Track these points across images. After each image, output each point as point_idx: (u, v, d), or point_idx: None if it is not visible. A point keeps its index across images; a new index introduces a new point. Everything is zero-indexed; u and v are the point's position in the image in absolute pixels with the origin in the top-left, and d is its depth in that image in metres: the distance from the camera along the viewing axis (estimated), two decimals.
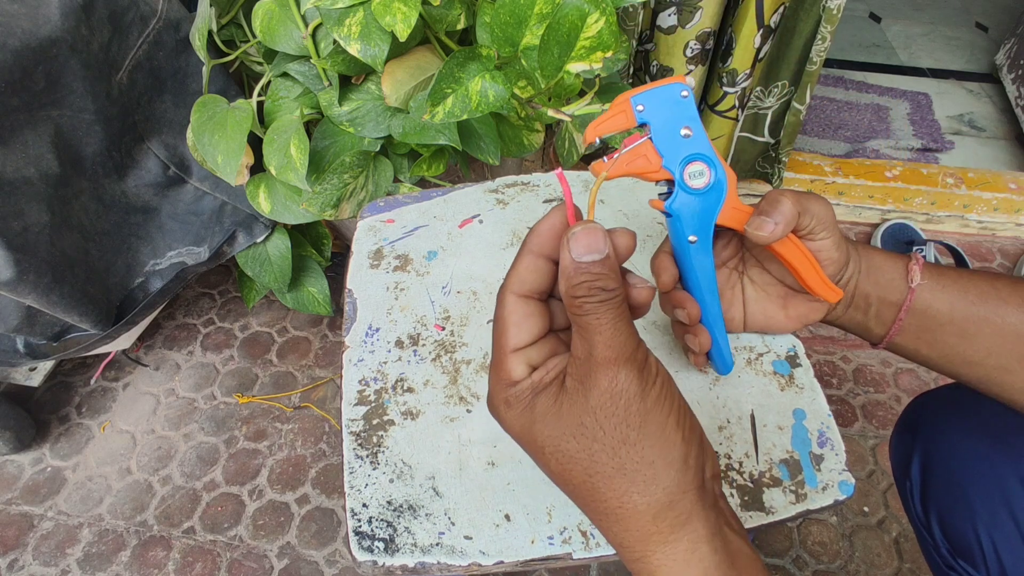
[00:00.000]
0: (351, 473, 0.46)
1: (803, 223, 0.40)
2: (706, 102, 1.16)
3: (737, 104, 1.12)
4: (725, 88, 1.10)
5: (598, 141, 0.38)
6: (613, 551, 0.42)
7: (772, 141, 1.21)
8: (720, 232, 0.46)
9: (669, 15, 1.01)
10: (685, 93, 0.38)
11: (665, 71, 1.08)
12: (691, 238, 0.41)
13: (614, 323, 0.29)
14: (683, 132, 0.38)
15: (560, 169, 0.36)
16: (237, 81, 0.92)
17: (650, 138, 0.38)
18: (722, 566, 0.30)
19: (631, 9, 1.01)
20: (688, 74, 1.07)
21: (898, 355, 0.46)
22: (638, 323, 0.54)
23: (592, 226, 0.30)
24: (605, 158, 0.39)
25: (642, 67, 1.14)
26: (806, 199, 0.40)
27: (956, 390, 0.60)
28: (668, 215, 0.41)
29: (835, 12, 0.98)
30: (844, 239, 0.42)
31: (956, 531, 0.53)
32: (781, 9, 1.01)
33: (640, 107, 0.38)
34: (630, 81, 1.16)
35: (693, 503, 0.30)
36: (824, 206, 0.41)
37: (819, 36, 1.02)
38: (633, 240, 0.32)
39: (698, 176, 0.39)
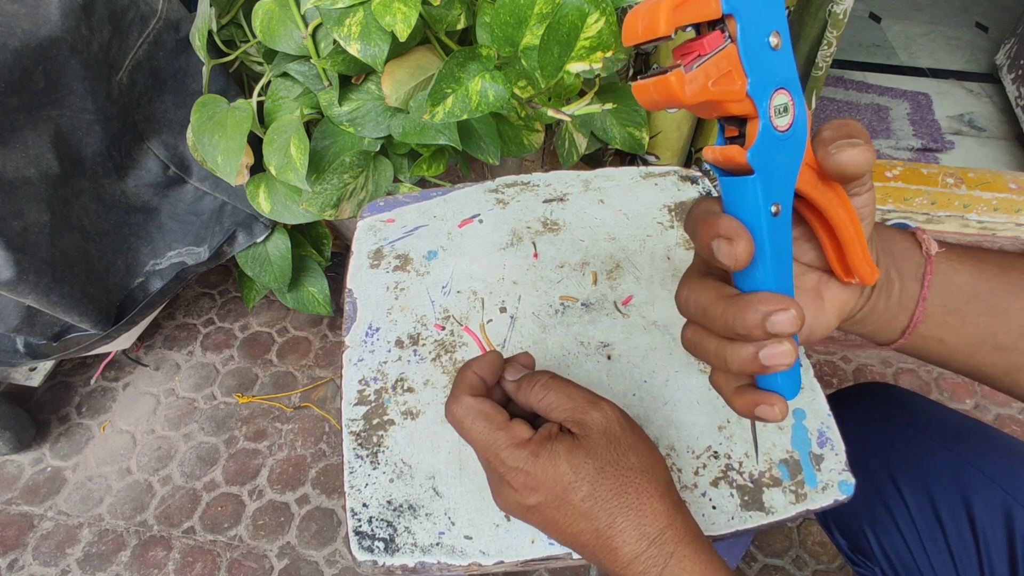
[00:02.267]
0: (351, 473, 0.46)
1: None
2: None
3: None
4: None
5: (673, 34, 0.25)
6: None
7: None
8: None
9: None
10: None
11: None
12: (774, 207, 0.28)
13: (569, 384, 0.40)
14: (771, 41, 0.26)
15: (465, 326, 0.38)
16: (237, 81, 0.92)
17: (734, 43, 0.25)
18: (702, 534, 0.38)
19: (628, 9, 1.00)
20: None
21: (919, 356, 0.40)
22: (636, 322, 0.54)
23: (495, 354, 0.41)
24: (680, 65, 0.25)
25: (642, 70, 1.14)
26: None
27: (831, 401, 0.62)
28: (734, 174, 0.28)
29: (841, 17, 0.96)
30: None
31: (849, 529, 0.59)
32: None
33: None
34: (628, 84, 1.16)
35: (674, 486, 0.39)
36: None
37: (825, 41, 1.00)
38: (527, 358, 0.42)
39: (783, 113, 0.27)
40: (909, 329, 0.38)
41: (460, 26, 0.75)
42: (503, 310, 0.55)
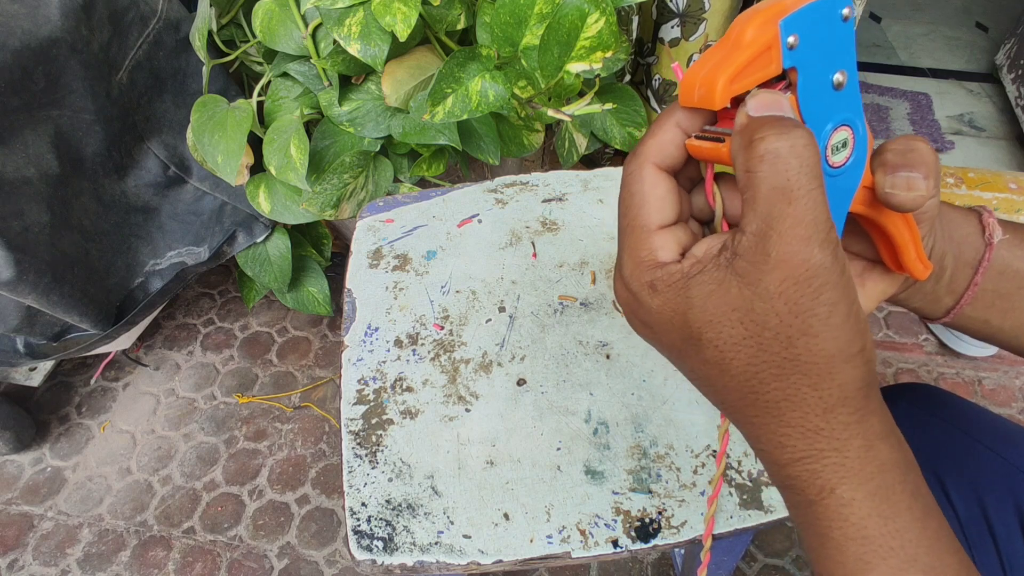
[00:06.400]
0: (350, 472, 0.46)
1: None
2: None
3: None
4: None
5: (729, 104, 0.24)
6: (612, 549, 0.42)
7: None
8: None
9: (672, 27, 0.99)
10: (847, 12, 0.25)
11: (669, 85, 1.06)
12: None
13: (809, 191, 0.24)
14: (836, 79, 0.25)
15: (676, 64, 0.28)
16: (237, 81, 0.92)
17: (792, 90, 0.25)
18: (900, 465, 0.28)
19: (623, 13, 0.99)
20: None
21: (960, 331, 0.39)
22: None
23: (772, 92, 0.26)
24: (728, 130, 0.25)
25: (643, 80, 1.13)
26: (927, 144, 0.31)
27: None
28: None
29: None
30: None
31: None
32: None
33: (792, 39, 0.24)
34: (628, 84, 1.16)
35: (867, 399, 0.27)
36: (936, 153, 0.31)
37: None
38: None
39: (840, 149, 0.27)
40: (954, 310, 0.38)
41: (460, 26, 0.75)
42: (502, 309, 0.55)
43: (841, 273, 0.25)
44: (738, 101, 0.25)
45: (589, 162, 1.18)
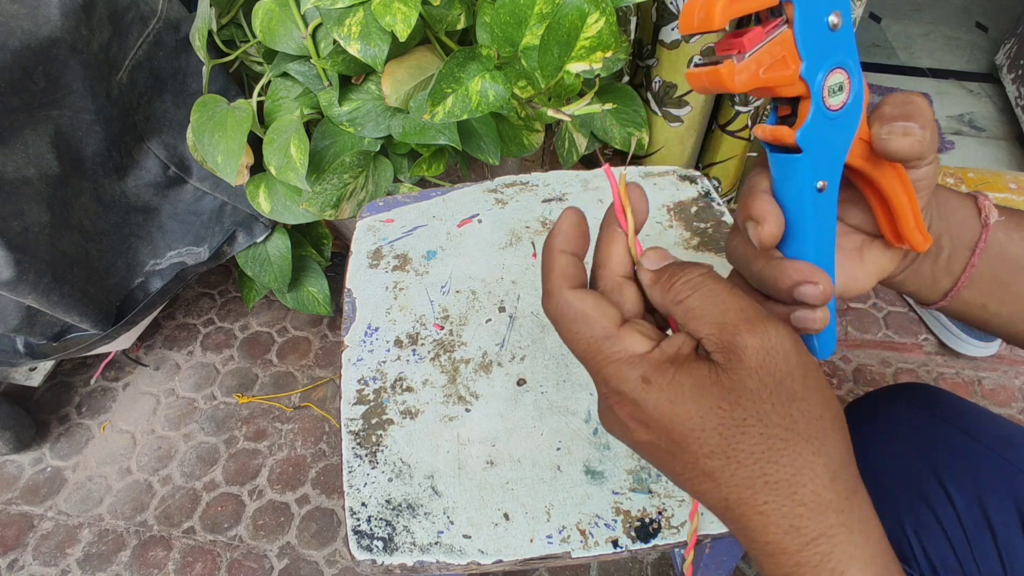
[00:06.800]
0: (350, 472, 0.46)
1: None
2: (717, 123, 1.11)
3: (750, 124, 1.08)
4: (737, 107, 1.05)
5: (728, 27, 0.25)
6: (612, 549, 0.42)
7: None
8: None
9: (672, 29, 0.97)
10: None
11: (669, 87, 1.05)
12: (820, 184, 0.29)
13: (730, 289, 0.28)
14: (831, 20, 0.26)
15: (607, 165, 0.30)
16: (237, 81, 0.92)
17: (790, 27, 0.26)
18: (884, 536, 0.28)
19: (621, 14, 0.99)
20: (692, 91, 1.01)
21: (957, 317, 0.40)
22: None
23: (657, 250, 0.31)
24: (731, 56, 0.26)
25: (643, 83, 1.12)
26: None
27: (861, 407, 0.60)
28: (786, 151, 0.29)
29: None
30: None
31: (888, 532, 0.54)
32: None
33: None
34: (627, 84, 1.16)
35: (854, 463, 0.28)
36: (929, 106, 0.32)
37: None
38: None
39: (837, 92, 0.27)
40: (951, 293, 0.38)
41: (460, 26, 0.75)
42: (502, 309, 0.55)
43: (797, 339, 0.28)
44: (740, 24, 0.26)
45: (589, 162, 1.18)
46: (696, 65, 0.27)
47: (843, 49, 0.27)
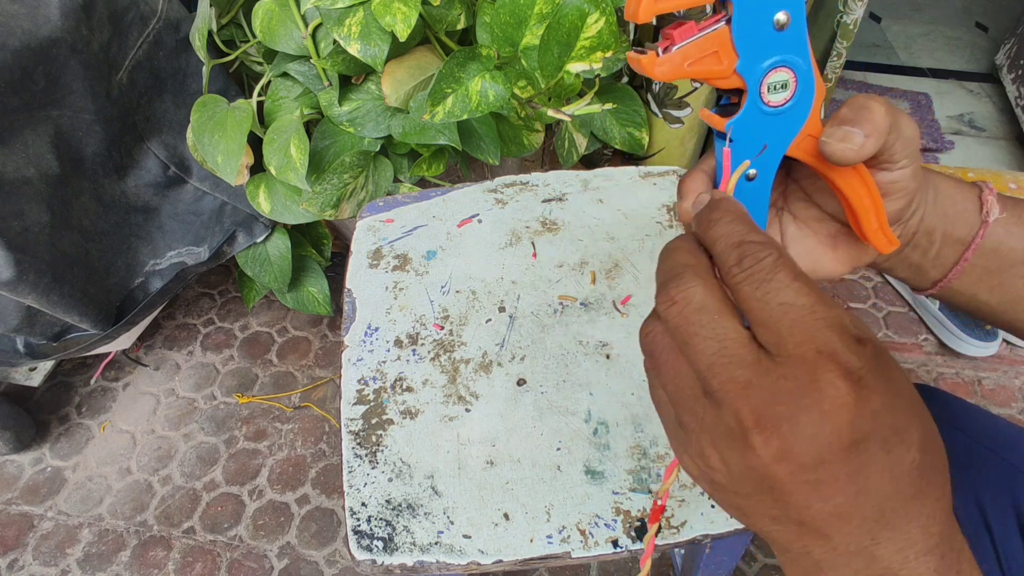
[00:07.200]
0: (350, 472, 0.46)
1: (887, 143, 0.30)
2: None
3: None
4: None
5: (654, 21, 0.26)
6: (612, 549, 0.42)
7: None
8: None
9: None
10: None
11: (669, 88, 1.05)
12: (749, 172, 0.30)
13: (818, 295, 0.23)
14: (778, 19, 0.26)
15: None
16: (237, 81, 0.92)
17: (729, 23, 0.26)
18: None
19: (619, 14, 0.98)
20: (694, 92, 1.00)
21: (946, 301, 0.39)
22: (635, 322, 0.54)
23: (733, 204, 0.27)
24: (658, 47, 0.27)
25: (643, 85, 1.12)
26: (897, 112, 0.30)
27: None
28: (722, 139, 0.29)
29: (851, 27, 0.93)
30: (920, 161, 0.33)
31: None
32: None
33: None
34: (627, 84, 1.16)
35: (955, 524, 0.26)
36: (913, 126, 0.31)
37: (834, 52, 0.96)
38: None
39: (779, 89, 0.27)
40: (941, 283, 0.37)
41: (460, 26, 0.75)
42: (502, 309, 0.55)
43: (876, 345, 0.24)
44: (668, 22, 0.27)
45: (589, 162, 1.18)
46: (635, 50, 0.28)
47: (791, 48, 0.27)
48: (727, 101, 0.29)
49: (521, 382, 0.51)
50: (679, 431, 0.25)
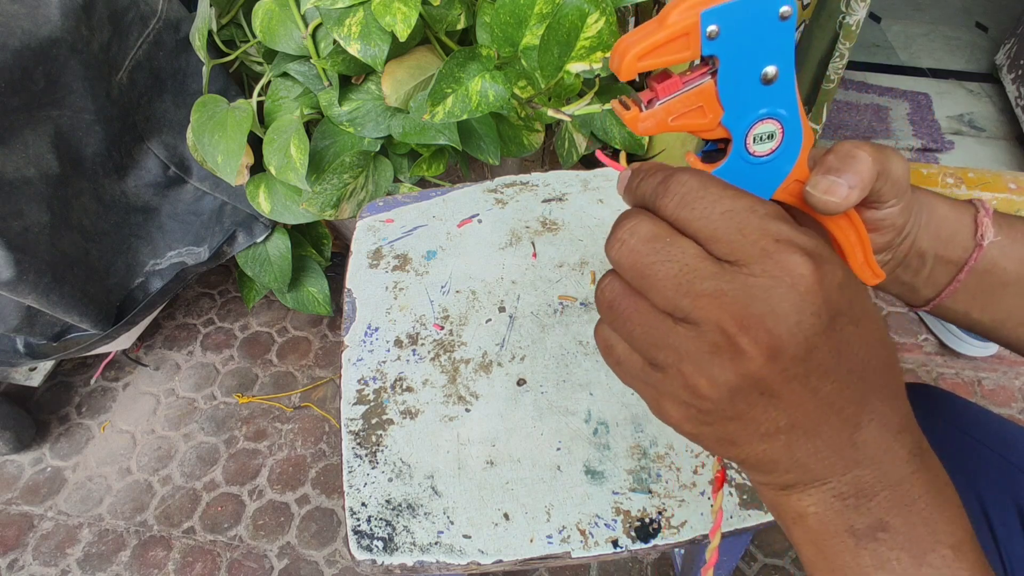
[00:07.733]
0: (350, 472, 0.46)
1: (874, 187, 0.30)
2: None
3: None
4: None
5: (637, 78, 0.26)
6: (612, 549, 0.42)
7: None
8: None
9: None
10: (787, 11, 0.25)
11: None
12: None
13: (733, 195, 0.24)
14: (766, 72, 0.26)
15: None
16: (237, 81, 0.92)
17: (714, 78, 0.25)
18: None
19: (619, 14, 0.98)
20: None
21: (938, 317, 0.39)
22: None
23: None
24: (642, 100, 0.26)
25: (643, 86, 1.12)
26: (885, 156, 0.30)
27: None
28: None
29: (853, 28, 0.93)
30: (910, 195, 0.33)
31: None
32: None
33: (713, 28, 0.24)
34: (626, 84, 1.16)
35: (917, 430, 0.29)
36: (903, 165, 0.31)
37: (836, 53, 0.96)
38: None
39: (765, 140, 0.27)
40: (933, 302, 0.37)
41: (460, 26, 0.75)
42: (502, 309, 0.55)
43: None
44: (658, 77, 0.26)
45: (589, 162, 1.18)
46: (620, 100, 0.28)
47: (778, 101, 0.27)
48: (713, 147, 0.29)
49: (521, 382, 0.51)
50: (653, 375, 0.25)
